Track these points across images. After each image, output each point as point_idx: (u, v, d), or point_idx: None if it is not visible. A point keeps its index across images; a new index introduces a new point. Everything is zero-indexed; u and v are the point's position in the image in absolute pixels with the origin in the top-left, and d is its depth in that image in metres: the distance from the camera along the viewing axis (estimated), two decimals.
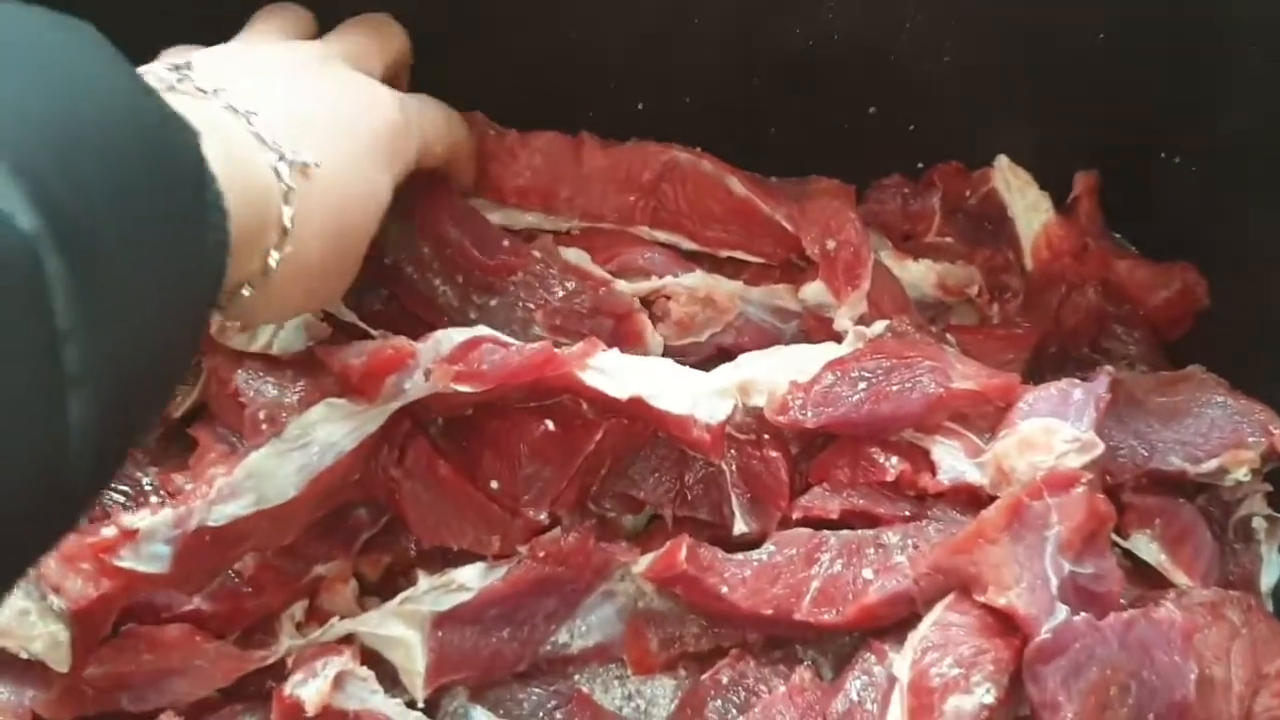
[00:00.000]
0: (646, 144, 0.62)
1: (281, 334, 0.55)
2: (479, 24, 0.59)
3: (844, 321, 0.59)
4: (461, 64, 0.60)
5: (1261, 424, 0.57)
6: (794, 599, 0.52)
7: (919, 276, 0.63)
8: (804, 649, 0.56)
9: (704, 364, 0.57)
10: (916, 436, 0.55)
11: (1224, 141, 0.61)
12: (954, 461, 0.54)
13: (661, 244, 0.62)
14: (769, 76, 0.62)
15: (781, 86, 0.62)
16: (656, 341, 0.59)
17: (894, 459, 0.55)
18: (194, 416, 0.58)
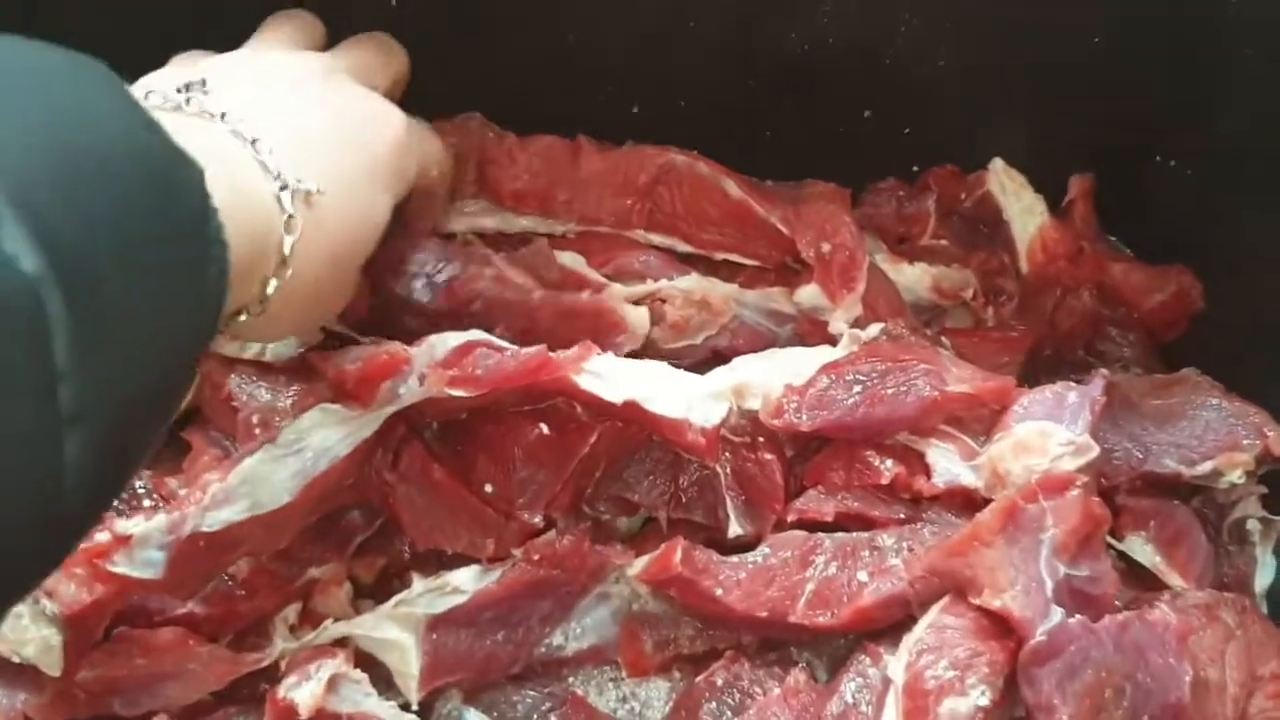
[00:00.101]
0: (643, 147, 0.62)
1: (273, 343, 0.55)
2: (478, 25, 0.59)
3: (839, 324, 0.59)
4: (460, 65, 0.60)
5: (1256, 426, 0.57)
6: (789, 601, 0.52)
7: (914, 279, 0.63)
8: (799, 651, 0.56)
9: (699, 367, 0.57)
10: (911, 439, 0.55)
11: (1220, 144, 0.61)
12: (949, 464, 0.54)
13: (657, 247, 0.62)
14: (765, 79, 0.62)
15: (777, 89, 0.62)
16: (640, 321, 0.58)
17: (889, 462, 0.55)
18: (187, 420, 0.58)
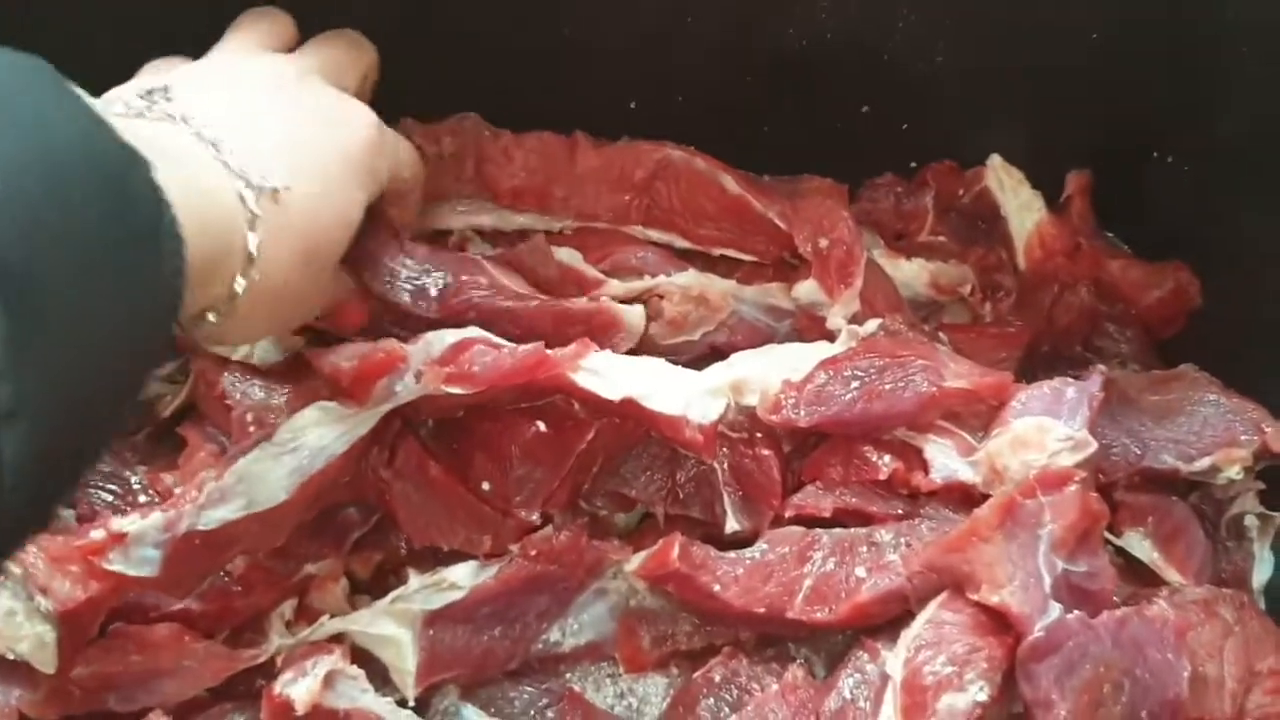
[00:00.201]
0: (639, 143, 0.62)
1: (259, 347, 0.55)
2: (476, 23, 0.59)
3: (837, 320, 0.59)
4: (458, 63, 0.59)
5: (1254, 422, 0.57)
6: (787, 597, 0.52)
7: (912, 275, 0.63)
8: (797, 647, 0.56)
9: (697, 362, 0.57)
10: (909, 435, 0.55)
11: (1218, 143, 0.61)
12: (947, 460, 0.54)
13: (655, 243, 0.62)
14: (763, 76, 0.62)
15: (776, 86, 0.62)
16: (635, 320, 0.58)
17: (887, 457, 0.55)
18: (183, 416, 0.58)
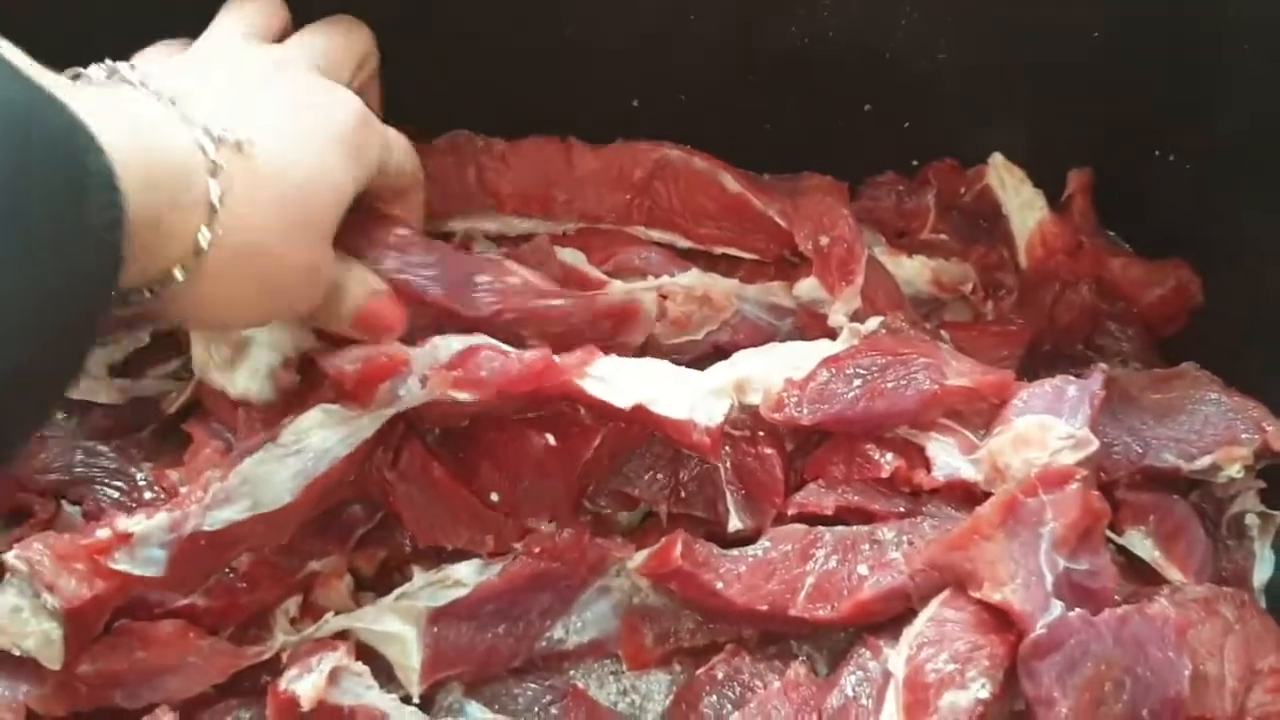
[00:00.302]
0: (636, 143, 0.62)
1: (255, 384, 0.53)
2: (476, 22, 0.59)
3: (838, 317, 0.59)
4: (459, 63, 0.60)
5: (1255, 421, 0.57)
6: (789, 595, 0.52)
7: (913, 273, 0.63)
8: (799, 645, 0.56)
9: (699, 361, 0.57)
10: (911, 433, 0.55)
11: (1219, 140, 0.61)
12: (949, 458, 0.54)
13: (657, 243, 0.62)
14: (765, 74, 0.62)
15: (777, 84, 0.62)
16: (650, 308, 0.58)
17: (889, 455, 0.55)
18: (188, 413, 0.58)
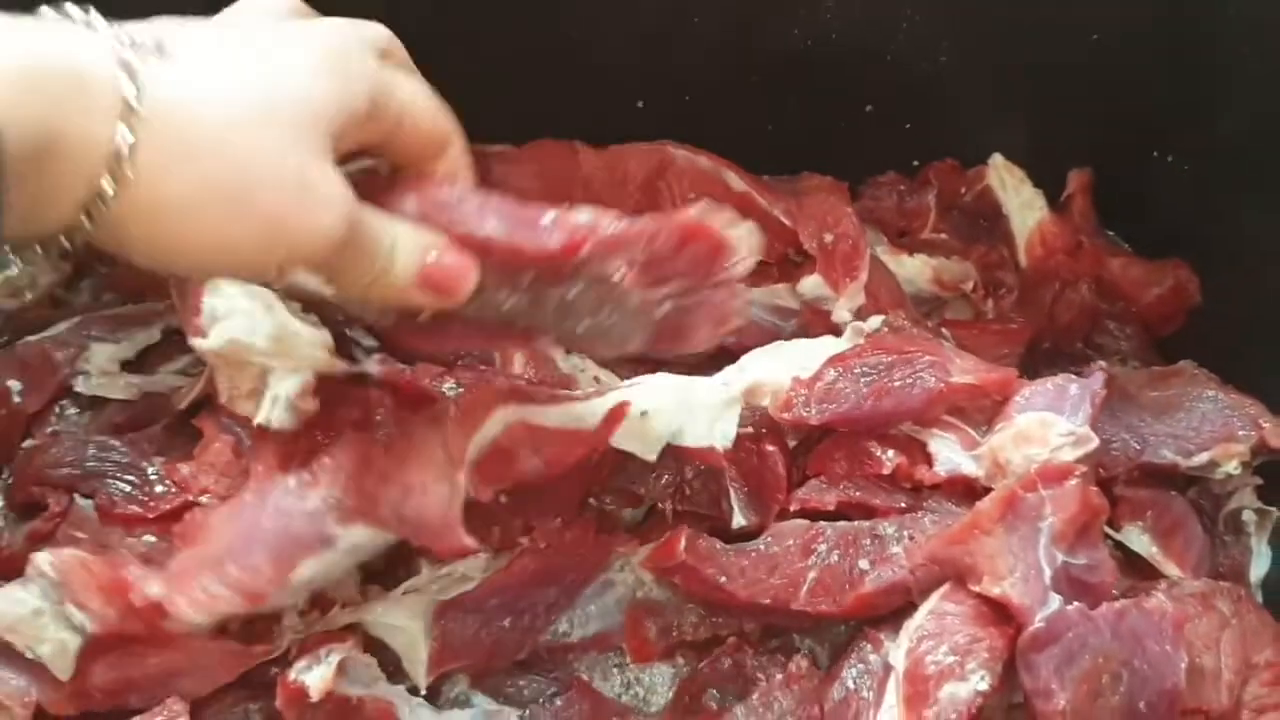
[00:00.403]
0: (639, 144, 0.63)
1: (275, 413, 0.52)
2: (480, 24, 0.60)
3: (842, 313, 0.60)
4: (463, 64, 0.60)
5: (1251, 418, 0.58)
6: (791, 589, 0.53)
7: (915, 271, 0.64)
8: (801, 638, 0.56)
9: (705, 362, 0.58)
10: (914, 430, 0.56)
11: (1218, 140, 0.61)
12: (950, 454, 0.55)
13: None
14: (768, 75, 0.63)
15: (780, 85, 0.63)
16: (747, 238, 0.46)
17: (890, 452, 0.55)
18: (199, 408, 0.59)
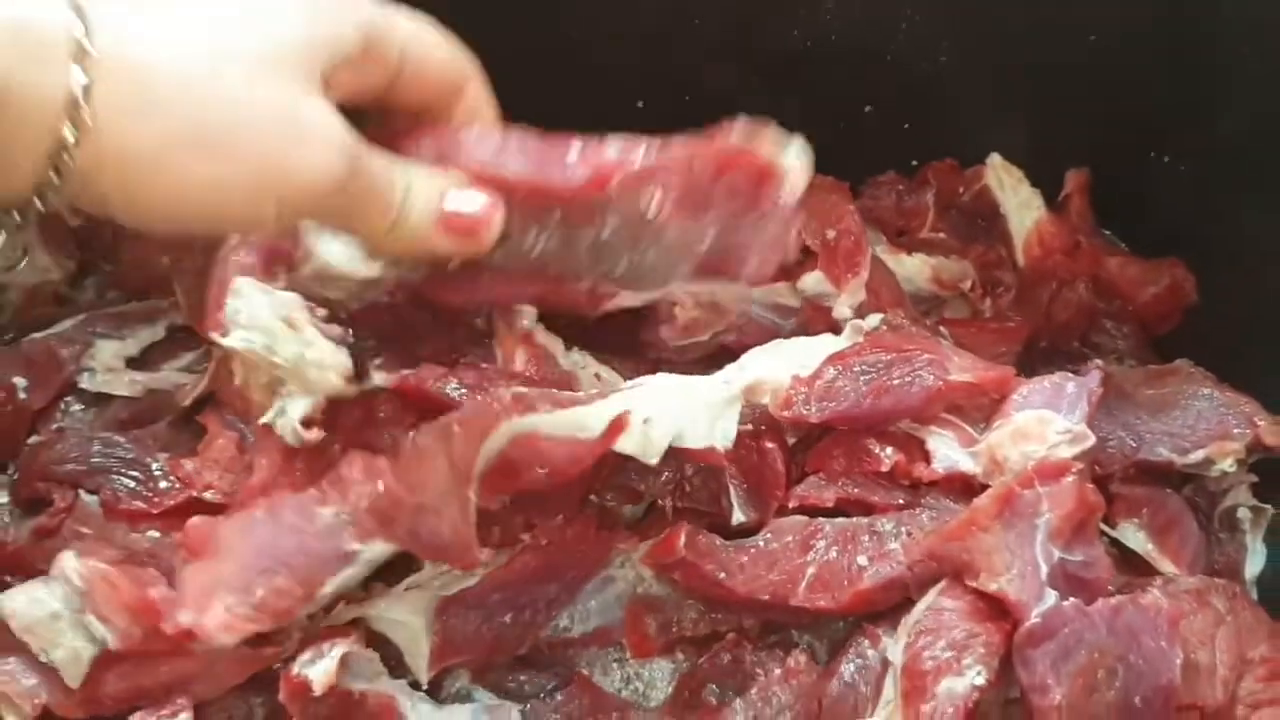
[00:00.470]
0: None
1: (285, 432, 0.51)
2: (479, 23, 0.60)
3: (843, 309, 0.60)
4: None
5: (1247, 416, 0.58)
6: (790, 585, 0.53)
7: (914, 270, 0.65)
8: (799, 633, 0.57)
9: (706, 360, 0.58)
10: (912, 427, 0.56)
11: (1218, 142, 0.62)
12: (948, 451, 0.55)
13: None
14: (767, 75, 0.63)
15: (780, 85, 0.63)
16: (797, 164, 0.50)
17: (889, 449, 0.56)
18: (203, 404, 0.59)
